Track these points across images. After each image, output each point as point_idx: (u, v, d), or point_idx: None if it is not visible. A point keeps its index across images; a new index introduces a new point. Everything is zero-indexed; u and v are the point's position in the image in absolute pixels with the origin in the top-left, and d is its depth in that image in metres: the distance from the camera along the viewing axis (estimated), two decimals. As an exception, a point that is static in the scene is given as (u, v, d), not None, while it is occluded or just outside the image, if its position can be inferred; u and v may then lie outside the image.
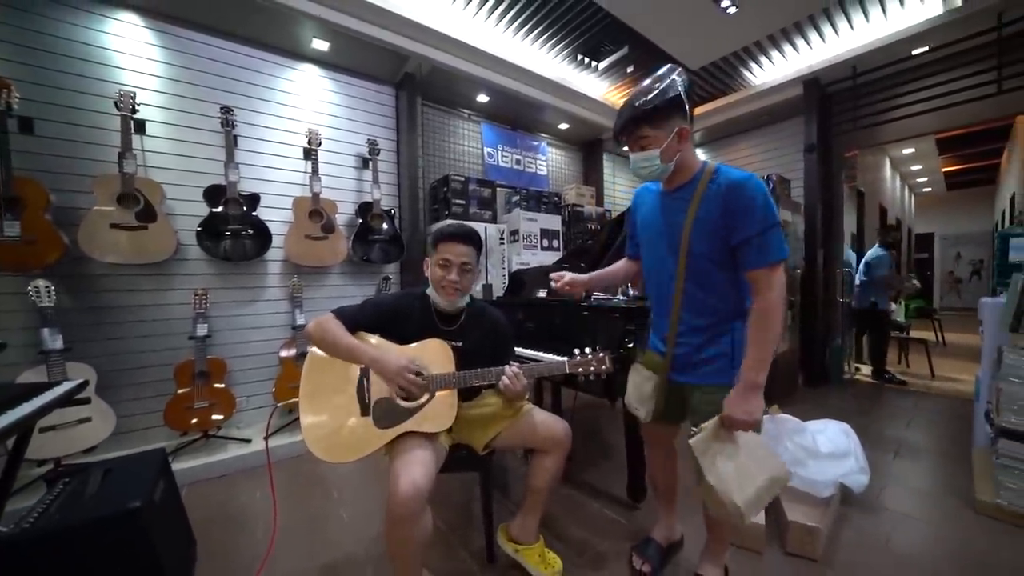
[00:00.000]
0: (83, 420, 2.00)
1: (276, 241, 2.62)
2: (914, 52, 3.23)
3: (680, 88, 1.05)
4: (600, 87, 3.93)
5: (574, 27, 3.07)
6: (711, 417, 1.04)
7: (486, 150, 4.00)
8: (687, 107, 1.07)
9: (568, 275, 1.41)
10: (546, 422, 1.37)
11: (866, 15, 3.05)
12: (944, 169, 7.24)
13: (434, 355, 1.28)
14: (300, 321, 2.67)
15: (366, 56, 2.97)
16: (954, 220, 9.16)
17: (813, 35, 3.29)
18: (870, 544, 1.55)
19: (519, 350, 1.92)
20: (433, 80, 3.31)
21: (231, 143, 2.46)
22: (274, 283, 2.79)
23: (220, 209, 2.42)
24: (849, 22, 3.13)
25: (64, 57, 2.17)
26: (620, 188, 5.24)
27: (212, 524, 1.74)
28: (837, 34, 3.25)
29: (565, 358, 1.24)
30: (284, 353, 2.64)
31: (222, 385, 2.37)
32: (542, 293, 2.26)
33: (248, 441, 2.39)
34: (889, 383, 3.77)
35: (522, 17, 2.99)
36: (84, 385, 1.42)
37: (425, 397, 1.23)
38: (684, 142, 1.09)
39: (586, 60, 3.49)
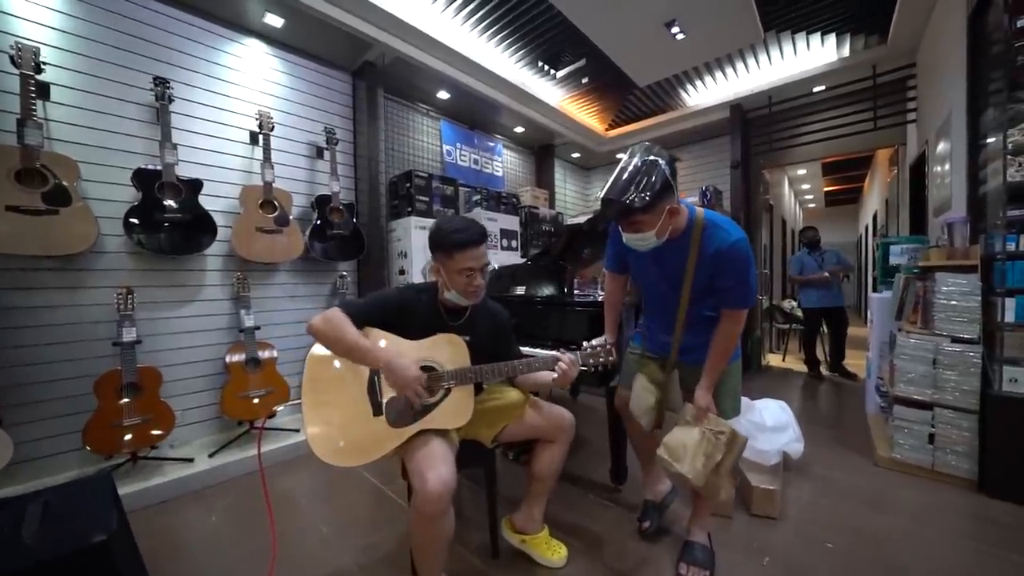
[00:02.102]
0: (-32, 449, 1.61)
1: (221, 234, 2.34)
2: (814, 89, 3.84)
3: (667, 172, 1.11)
4: (556, 95, 4.09)
5: (538, 33, 3.16)
6: (692, 385, 1.33)
7: (445, 147, 3.94)
8: (675, 186, 1.13)
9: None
10: (552, 411, 1.42)
11: (781, 53, 3.57)
12: (825, 188, 8.66)
13: (448, 350, 1.26)
14: (248, 323, 2.40)
15: (323, 38, 2.78)
16: (830, 231, 10.95)
17: (740, 66, 3.76)
18: (809, 500, 1.83)
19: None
20: (394, 71, 3.19)
21: (168, 120, 2.16)
22: (214, 280, 2.48)
23: (155, 195, 2.10)
24: (768, 57, 3.63)
25: (-63, -3, 1.75)
26: (570, 192, 5.48)
27: (160, 557, 1.51)
28: (759, 67, 3.75)
29: (578, 351, 1.29)
30: (232, 359, 2.36)
31: (158, 397, 2.05)
32: (520, 290, 2.31)
33: (190, 461, 2.10)
34: (845, 378, 3.95)
35: (489, 19, 3.01)
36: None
37: (440, 393, 1.20)
38: (674, 216, 1.17)
39: (546, 67, 3.62)
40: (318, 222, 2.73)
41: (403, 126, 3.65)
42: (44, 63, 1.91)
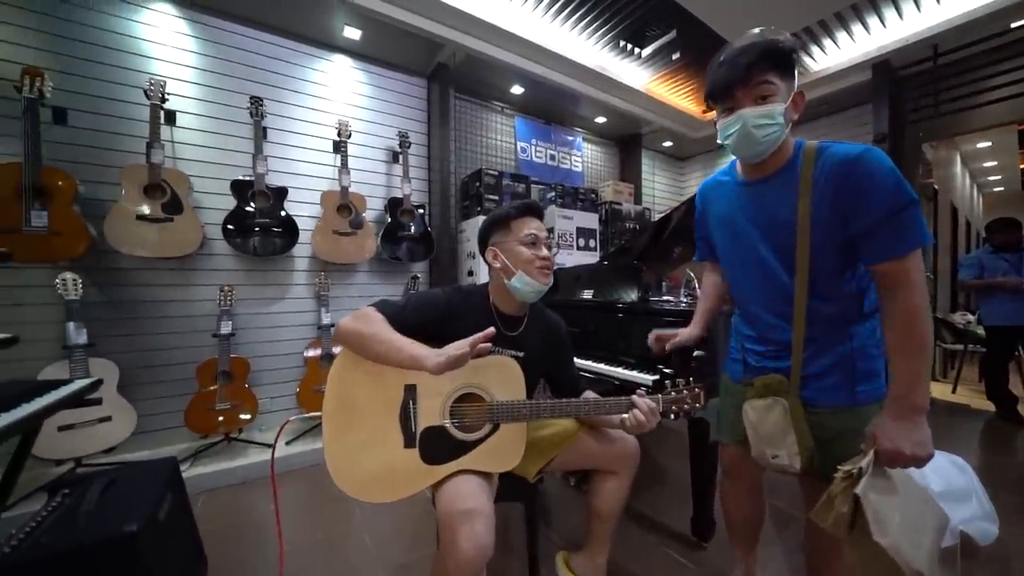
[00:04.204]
0: (103, 419, 1.92)
1: (303, 237, 2.51)
2: (1013, 25, 2.82)
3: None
4: (642, 77, 3.68)
5: (618, 7, 2.84)
6: (823, 446, 0.87)
7: (519, 144, 3.82)
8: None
9: (668, 333, 1.20)
10: (612, 437, 1.17)
11: (955, -15, 2.69)
12: (1023, 165, 6.53)
13: (498, 376, 1.02)
14: (326, 320, 2.54)
15: (399, 45, 2.84)
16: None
17: (888, 12, 2.94)
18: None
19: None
20: (466, 70, 3.16)
21: (260, 134, 2.37)
22: (300, 280, 2.68)
23: (247, 202, 2.33)
24: (934, -6, 2.76)
25: (97, 47, 2.13)
26: (659, 186, 4.95)
27: (225, 538, 1.60)
28: (919, 8, 2.89)
29: (659, 395, 1.00)
30: (309, 353, 2.52)
31: (245, 385, 2.26)
32: (587, 294, 2.04)
33: (269, 446, 2.27)
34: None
35: (561, 0, 2.79)
36: (97, 384, 1.32)
37: (487, 428, 1.00)
38: (798, 111, 0.87)
39: (628, 46, 3.26)
40: (390, 223, 2.79)
41: (476, 126, 3.61)
42: (169, 94, 2.23)
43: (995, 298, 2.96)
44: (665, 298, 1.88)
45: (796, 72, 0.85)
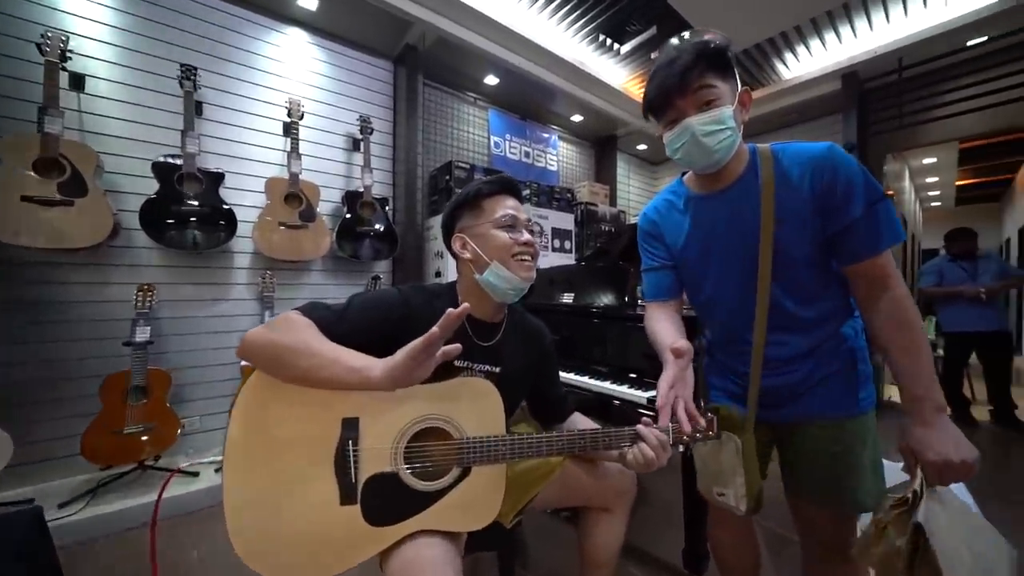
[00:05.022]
0: (-35, 450, 1.52)
1: (244, 230, 2.18)
2: (970, 43, 2.93)
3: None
4: (620, 75, 3.57)
5: (599, -1, 2.71)
6: (834, 464, 0.80)
7: (493, 139, 3.61)
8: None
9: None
10: (605, 469, 0.98)
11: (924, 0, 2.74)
12: (958, 183, 7.04)
13: (470, 405, 0.77)
14: (270, 326, 2.21)
15: (362, 20, 2.57)
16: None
17: (860, 22, 2.97)
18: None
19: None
20: (437, 55, 2.92)
21: (192, 108, 2.03)
22: (240, 279, 2.34)
23: (173, 187, 1.98)
24: (904, 5, 2.81)
25: (-22, -12, 1.74)
26: (634, 189, 4.89)
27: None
28: (888, 20, 2.94)
29: (669, 425, 0.78)
30: (247, 363, 2.18)
31: (166, 403, 1.90)
32: (567, 298, 1.85)
33: (195, 475, 1.92)
34: (1012, 428, 2.91)
35: (541, -16, 2.63)
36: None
37: (454, 473, 0.75)
38: (745, 111, 0.80)
39: (608, 41, 3.14)
40: (348, 218, 2.50)
41: (447, 116, 3.37)
42: (77, 53, 1.86)
43: (954, 305, 3.04)
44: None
45: (736, 71, 0.78)
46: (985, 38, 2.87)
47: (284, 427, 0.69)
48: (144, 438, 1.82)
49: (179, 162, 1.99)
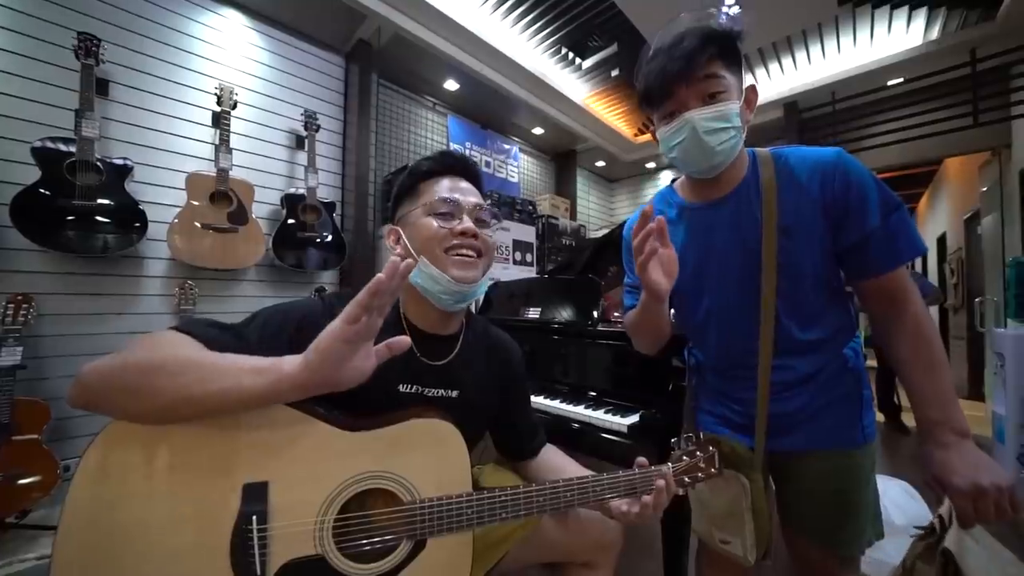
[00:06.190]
0: None
1: (156, 232, 1.86)
2: (889, 82, 3.23)
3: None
4: (581, 90, 3.59)
5: (564, 9, 2.68)
6: (839, 502, 0.72)
7: (452, 146, 3.47)
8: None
9: None
10: (585, 519, 0.83)
11: (854, 37, 2.98)
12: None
13: (426, 453, 0.60)
14: (186, 344, 1.88)
15: (310, 8, 2.35)
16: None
17: (800, 55, 3.19)
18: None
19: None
20: (393, 54, 2.75)
21: (90, 85, 1.71)
22: (153, 289, 1.99)
23: (63, 177, 1.64)
24: (837, 42, 3.05)
25: None
26: (593, 205, 4.93)
27: None
28: (824, 55, 3.18)
29: (667, 465, 0.68)
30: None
31: (41, 444, 1.53)
32: (533, 313, 1.72)
33: (75, 532, 1.55)
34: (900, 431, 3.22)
35: (505, -10, 2.56)
36: None
37: (404, 548, 0.57)
38: (752, 111, 0.74)
39: (570, 55, 3.13)
40: (288, 223, 2.23)
41: (403, 119, 3.19)
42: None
43: None
44: (618, 319, 1.64)
45: (743, 64, 0.71)
46: (902, 79, 3.18)
47: (151, 505, 0.48)
48: (11, 486, 1.44)
49: (71, 148, 1.66)
